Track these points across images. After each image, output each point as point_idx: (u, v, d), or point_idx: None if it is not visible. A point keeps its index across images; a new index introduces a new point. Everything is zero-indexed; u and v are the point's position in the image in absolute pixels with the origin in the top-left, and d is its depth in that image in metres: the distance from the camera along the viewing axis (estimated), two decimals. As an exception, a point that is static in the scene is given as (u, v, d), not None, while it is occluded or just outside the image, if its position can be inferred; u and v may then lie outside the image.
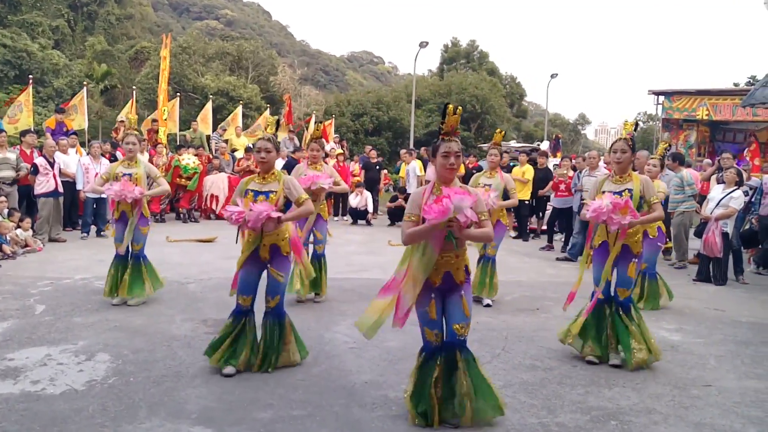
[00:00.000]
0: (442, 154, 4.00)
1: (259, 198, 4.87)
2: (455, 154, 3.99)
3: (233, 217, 4.75)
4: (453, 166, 3.99)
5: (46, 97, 34.23)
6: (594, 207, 5.20)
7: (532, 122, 58.82)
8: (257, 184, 4.99)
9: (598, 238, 5.46)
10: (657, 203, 5.38)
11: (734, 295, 8.48)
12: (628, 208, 5.10)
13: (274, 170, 5.07)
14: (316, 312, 6.85)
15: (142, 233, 7.01)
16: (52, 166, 11.25)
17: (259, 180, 5.01)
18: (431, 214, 3.75)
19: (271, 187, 4.95)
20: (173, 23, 75.77)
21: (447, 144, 3.99)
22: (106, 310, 6.64)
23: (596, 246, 5.48)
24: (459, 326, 4.06)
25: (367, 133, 34.19)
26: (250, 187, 4.98)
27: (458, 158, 4.00)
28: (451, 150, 3.98)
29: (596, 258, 5.48)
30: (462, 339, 4.08)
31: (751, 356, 5.76)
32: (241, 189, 5.01)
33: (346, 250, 11.09)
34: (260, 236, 4.92)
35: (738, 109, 20.63)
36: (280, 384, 4.69)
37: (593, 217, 5.21)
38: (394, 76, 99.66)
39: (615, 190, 5.33)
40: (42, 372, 4.78)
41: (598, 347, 5.37)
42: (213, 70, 39.33)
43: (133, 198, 6.78)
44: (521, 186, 13.45)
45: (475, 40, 50.61)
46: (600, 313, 5.43)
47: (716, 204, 9.04)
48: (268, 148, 4.96)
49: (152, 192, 7.19)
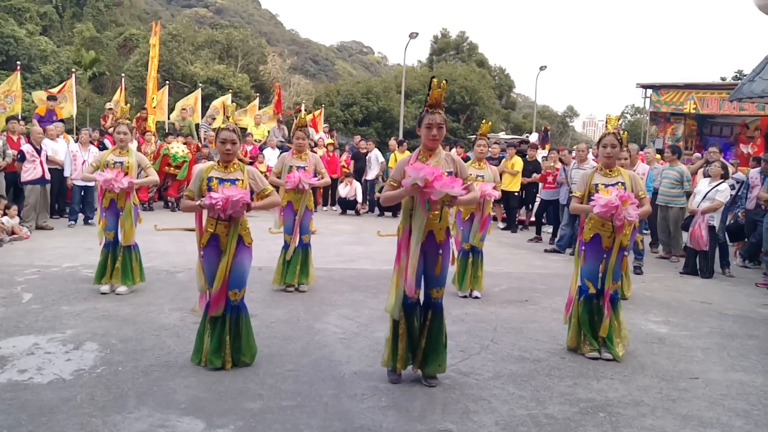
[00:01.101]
0: (426, 125, 4.39)
1: (226, 185, 4.68)
2: (438, 126, 4.34)
3: (219, 203, 4.53)
4: (435, 137, 4.36)
5: (33, 84, 33.91)
6: (604, 202, 5.11)
7: (520, 114, 58.89)
8: (219, 172, 4.81)
9: (589, 232, 5.43)
10: (646, 197, 5.44)
11: (720, 288, 8.55)
12: (630, 201, 5.11)
13: (236, 160, 4.93)
14: (306, 303, 6.84)
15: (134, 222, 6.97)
16: (39, 153, 11.16)
17: (220, 168, 4.83)
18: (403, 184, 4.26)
19: (236, 175, 4.80)
20: (162, 11, 75.10)
21: (431, 116, 4.37)
22: (95, 298, 6.61)
23: (587, 240, 5.45)
24: (435, 290, 4.56)
25: (356, 123, 34.13)
26: (212, 174, 4.79)
27: (440, 129, 4.34)
28: (434, 121, 4.35)
29: (588, 252, 5.44)
30: (436, 301, 4.57)
31: (737, 349, 5.81)
32: (202, 177, 4.81)
33: (335, 240, 11.08)
34: (215, 225, 4.76)
35: (725, 103, 20.70)
36: (269, 374, 4.68)
37: (603, 212, 5.13)
38: (383, 66, 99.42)
39: (608, 183, 5.33)
40: (29, 361, 4.75)
41: (595, 341, 5.36)
42: (202, 59, 39.15)
43: (120, 189, 6.74)
44: (510, 178, 13.49)
45: (464, 32, 50.62)
46: (591, 307, 5.42)
47: (703, 197, 9.11)
48: (233, 139, 4.80)
49: (140, 181, 7.14)
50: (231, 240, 4.73)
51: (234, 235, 4.74)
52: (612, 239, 5.32)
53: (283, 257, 7.30)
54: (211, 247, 4.79)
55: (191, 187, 4.84)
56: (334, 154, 16.55)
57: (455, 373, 4.86)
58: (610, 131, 5.46)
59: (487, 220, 7.37)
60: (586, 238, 5.45)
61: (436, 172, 4.12)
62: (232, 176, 4.79)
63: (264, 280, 7.51)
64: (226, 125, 4.90)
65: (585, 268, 5.45)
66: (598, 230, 5.37)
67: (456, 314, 6.57)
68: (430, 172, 4.09)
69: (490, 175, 7.48)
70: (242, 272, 4.84)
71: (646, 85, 23.50)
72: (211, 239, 4.78)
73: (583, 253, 5.47)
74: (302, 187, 7.13)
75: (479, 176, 7.41)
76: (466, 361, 5.16)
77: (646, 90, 23.52)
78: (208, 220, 4.81)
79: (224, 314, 4.81)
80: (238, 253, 4.79)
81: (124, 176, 6.76)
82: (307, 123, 7.69)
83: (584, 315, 5.42)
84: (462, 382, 4.69)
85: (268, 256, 8.11)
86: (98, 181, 6.83)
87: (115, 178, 6.67)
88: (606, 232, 5.33)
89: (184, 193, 4.90)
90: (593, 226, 5.40)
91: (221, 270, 4.70)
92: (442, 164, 4.41)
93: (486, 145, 7.64)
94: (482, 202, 7.18)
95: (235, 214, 4.68)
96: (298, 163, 7.26)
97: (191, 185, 4.86)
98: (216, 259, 4.77)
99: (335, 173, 16.10)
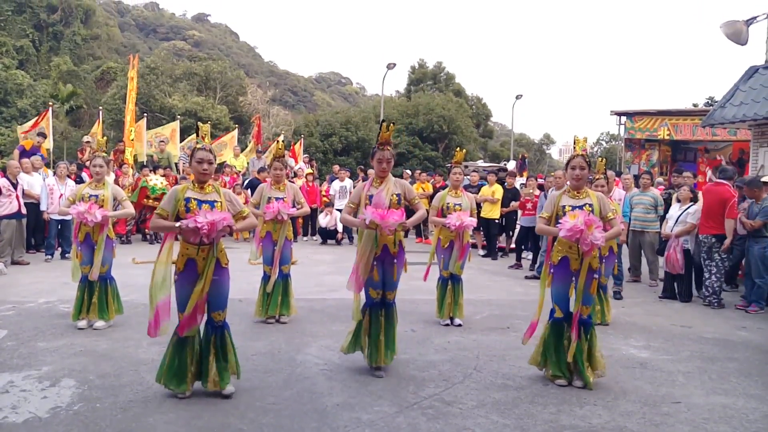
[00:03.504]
0: (377, 160, 5.45)
1: (204, 207, 4.61)
2: (387, 160, 5.43)
3: (205, 228, 4.46)
4: (385, 169, 5.45)
5: (9, 118, 33.73)
6: (569, 226, 5.08)
7: (498, 142, 59.41)
8: (196, 193, 4.73)
9: (557, 254, 5.40)
10: (614, 218, 5.44)
11: (700, 312, 8.61)
12: (595, 225, 5.10)
13: (210, 182, 4.88)
14: (287, 334, 6.78)
15: (108, 255, 6.91)
16: (15, 187, 11.05)
17: (196, 190, 4.75)
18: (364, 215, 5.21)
19: (213, 197, 4.74)
20: (140, 44, 75.25)
21: (381, 152, 5.43)
22: (71, 334, 6.50)
23: (555, 262, 5.41)
24: (389, 293, 5.51)
25: (336, 153, 34.21)
26: (189, 195, 4.70)
27: (389, 163, 5.45)
28: (384, 157, 5.43)
29: (557, 275, 5.40)
30: (390, 301, 5.52)
31: (718, 372, 5.84)
32: (177, 198, 4.69)
33: (315, 271, 11.04)
34: (197, 250, 4.69)
35: (698, 129, 21.11)
36: (250, 408, 4.62)
37: (568, 236, 5.12)
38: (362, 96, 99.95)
39: (575, 205, 5.33)
40: (4, 399, 4.65)
41: (557, 369, 5.31)
42: (180, 91, 39.14)
43: (93, 221, 6.67)
44: (490, 205, 13.56)
45: (441, 62, 51.17)
46: (559, 332, 5.37)
47: (675, 222, 9.24)
48: (209, 159, 4.75)
49: (114, 214, 7.02)
50: (209, 264, 4.68)
51: (212, 259, 4.69)
52: (580, 262, 5.30)
53: (263, 289, 7.25)
54: (188, 272, 4.73)
55: (165, 207, 4.71)
56: (314, 184, 16.56)
57: (439, 402, 4.84)
58: (578, 153, 5.48)
59: (466, 248, 7.38)
60: (554, 261, 5.41)
61: (382, 215, 5.12)
62: (210, 198, 4.73)
63: (244, 312, 7.44)
64: (201, 145, 4.85)
65: (554, 291, 5.40)
66: (566, 253, 5.34)
67: (438, 343, 6.56)
68: (378, 216, 5.11)
69: (467, 203, 7.49)
70: (224, 293, 4.83)
71: (621, 112, 23.90)
72: (188, 263, 4.72)
73: (551, 276, 5.42)
74: (281, 218, 7.13)
75: (456, 204, 7.42)
76: (450, 390, 5.13)
77: (621, 117, 23.90)
78: (183, 244, 4.73)
79: (207, 336, 4.80)
80: (217, 275, 4.76)
81: (99, 209, 6.70)
82: (284, 153, 7.69)
83: (550, 339, 5.38)
84: (445, 411, 4.67)
85: (248, 288, 8.05)
86: (72, 214, 6.78)
87: (88, 210, 6.62)
88: (573, 254, 5.31)
89: (156, 211, 4.76)
90: (561, 249, 5.38)
91: (197, 293, 4.64)
92: (391, 188, 5.43)
93: (461, 173, 7.66)
94: (461, 231, 7.22)
95: (218, 238, 4.66)
96: (276, 194, 7.26)
97: (165, 204, 4.72)
98: (190, 283, 4.70)
99: (315, 203, 16.11)
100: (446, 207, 7.42)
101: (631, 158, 23.73)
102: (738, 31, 9.54)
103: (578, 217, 5.11)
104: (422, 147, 35.94)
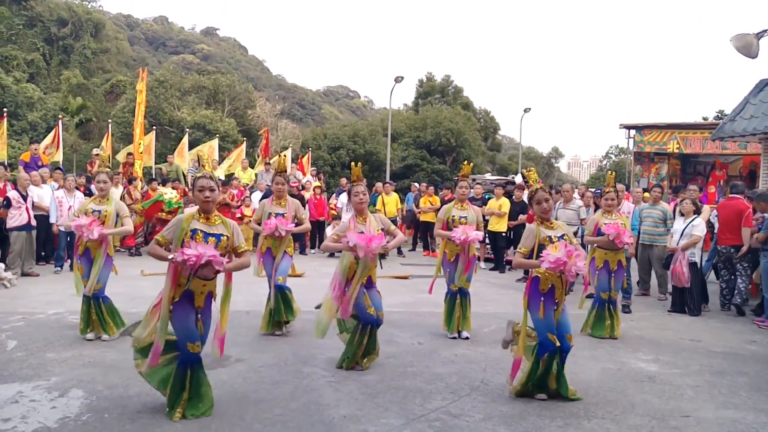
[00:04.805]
0: (353, 194, 6.10)
1: (210, 240, 4.54)
2: (363, 193, 6.07)
3: (192, 260, 4.37)
4: (361, 202, 6.05)
5: (20, 131, 33.99)
6: (553, 259, 4.96)
7: (506, 155, 59.37)
8: (203, 224, 4.62)
9: (546, 282, 5.24)
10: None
11: (708, 326, 8.57)
12: (575, 255, 5.01)
13: (216, 212, 4.81)
14: (294, 346, 6.79)
15: (105, 273, 6.85)
16: (25, 200, 11.12)
17: (202, 220, 4.65)
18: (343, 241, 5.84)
19: (219, 230, 4.66)
20: (149, 57, 75.79)
21: (356, 188, 6.12)
22: (80, 345, 6.53)
23: (545, 290, 5.24)
24: (379, 312, 5.99)
25: (343, 166, 34.28)
26: (195, 226, 4.59)
27: (365, 195, 6.09)
28: (359, 191, 6.08)
29: (547, 304, 5.22)
30: (379, 319, 6.00)
31: (728, 386, 5.81)
32: (182, 227, 4.58)
33: (323, 283, 10.95)
34: (190, 282, 4.58)
35: (708, 143, 21.02)
36: (257, 420, 4.62)
37: (553, 268, 4.99)
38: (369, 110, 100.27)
39: (556, 235, 5.26)
40: (13, 409, 4.68)
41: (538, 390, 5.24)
42: (189, 104, 39.28)
43: (89, 238, 6.66)
44: (497, 219, 13.56)
45: (449, 75, 51.13)
46: (549, 364, 5.20)
47: (680, 235, 9.23)
48: (212, 186, 4.65)
49: (112, 231, 6.90)
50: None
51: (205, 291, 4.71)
52: (563, 291, 5.24)
53: (268, 306, 7.24)
54: (184, 302, 4.64)
55: (166, 235, 4.64)
56: (322, 197, 16.60)
57: (446, 415, 4.83)
58: (536, 187, 5.42)
59: (471, 261, 7.38)
60: (543, 289, 5.24)
61: (367, 240, 5.68)
62: (216, 231, 4.64)
63: (251, 324, 7.46)
64: (202, 173, 4.75)
65: (545, 320, 5.20)
66: (554, 281, 5.22)
67: (445, 355, 6.55)
68: (363, 240, 5.68)
69: (473, 216, 7.47)
70: (207, 327, 4.79)
71: (630, 125, 23.84)
72: (184, 294, 4.63)
73: (542, 304, 5.20)
74: (278, 234, 7.12)
75: (462, 217, 7.41)
76: (457, 402, 5.13)
77: (630, 130, 23.84)
78: (182, 275, 4.59)
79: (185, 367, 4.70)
80: (206, 310, 4.76)
81: (99, 226, 6.68)
82: (286, 168, 7.68)
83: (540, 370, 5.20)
84: (452, 424, 4.66)
85: (255, 300, 8.06)
86: (72, 227, 6.80)
87: (88, 226, 6.62)
88: (559, 282, 5.21)
89: (156, 237, 4.69)
90: (549, 277, 5.21)
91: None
92: (375, 225, 5.99)
93: (468, 186, 7.66)
94: (467, 245, 7.22)
95: (203, 275, 4.56)
96: (277, 210, 7.28)
97: (167, 233, 4.65)
98: (188, 315, 4.63)
99: (323, 216, 16.13)
100: (452, 220, 7.40)
101: (640, 172, 23.65)
102: (748, 44, 9.52)
103: (560, 248, 5.04)
104: (430, 160, 35.92)
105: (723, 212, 9.86)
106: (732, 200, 9.83)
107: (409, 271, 12.70)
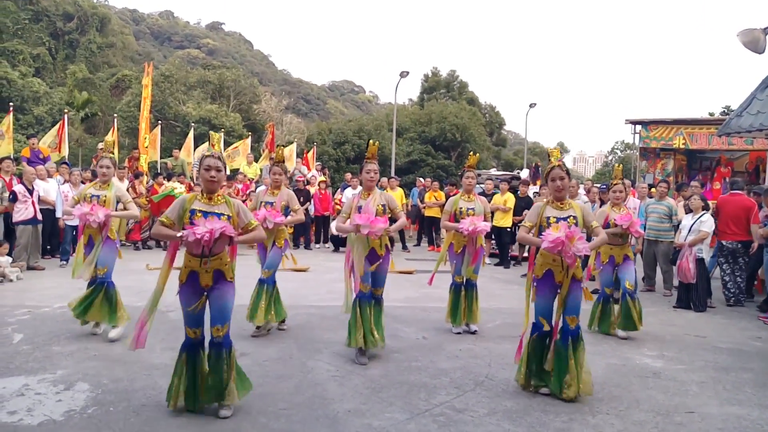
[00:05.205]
0: (365, 170, 6.17)
1: (210, 218, 4.48)
2: (374, 171, 6.17)
3: (206, 237, 4.35)
4: (372, 179, 6.16)
5: (26, 125, 34.09)
6: (552, 238, 4.97)
7: (511, 151, 59.32)
8: (203, 204, 4.57)
9: (541, 267, 5.29)
10: (598, 227, 5.37)
11: (714, 322, 8.55)
12: (576, 237, 4.99)
13: (220, 192, 4.74)
14: (298, 340, 6.80)
15: (109, 256, 6.74)
16: (31, 194, 11.16)
17: (204, 200, 4.59)
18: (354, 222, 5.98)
19: (221, 209, 4.58)
20: (155, 52, 75.91)
21: (368, 165, 6.19)
22: (86, 338, 6.55)
23: (539, 276, 5.30)
24: (377, 289, 6.22)
25: (348, 160, 34.28)
26: (195, 207, 4.54)
27: (376, 174, 6.18)
28: (371, 168, 6.16)
29: (540, 288, 5.30)
30: (379, 296, 6.24)
31: (732, 382, 5.80)
32: (184, 207, 4.55)
33: (328, 278, 11.05)
34: (200, 262, 4.56)
35: (714, 138, 20.95)
36: (262, 413, 4.63)
37: (551, 248, 5.00)
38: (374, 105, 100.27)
39: (560, 217, 5.23)
40: (19, 402, 4.70)
41: (539, 379, 5.25)
42: (194, 99, 39.37)
43: (96, 221, 6.59)
44: (502, 214, 13.55)
45: (455, 70, 51.13)
46: (542, 345, 5.28)
47: (688, 231, 9.21)
48: (218, 166, 4.59)
49: (118, 214, 6.85)
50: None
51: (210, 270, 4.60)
52: (565, 273, 5.20)
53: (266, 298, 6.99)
54: (190, 284, 4.63)
55: (170, 215, 4.57)
56: (327, 192, 16.60)
57: (450, 409, 4.83)
58: (555, 164, 5.36)
59: (479, 252, 7.36)
60: (538, 275, 5.31)
61: (370, 220, 5.85)
62: (217, 210, 4.57)
63: (257, 319, 7.45)
64: (211, 152, 4.72)
65: (538, 304, 5.30)
66: (550, 266, 5.24)
67: (450, 350, 6.55)
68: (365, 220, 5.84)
69: (480, 207, 7.40)
70: (224, 307, 4.63)
71: (635, 121, 23.74)
72: (190, 275, 4.61)
73: (534, 289, 5.34)
74: (266, 225, 6.88)
75: (470, 208, 7.34)
76: (461, 397, 5.13)
77: (636, 126, 23.75)
78: (187, 255, 4.61)
79: (200, 351, 4.70)
80: (219, 288, 4.63)
81: (101, 209, 6.61)
82: (284, 158, 7.60)
83: (533, 353, 5.27)
84: (457, 419, 4.66)
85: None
86: (75, 215, 6.76)
87: (90, 211, 6.58)
88: (557, 266, 5.21)
89: (160, 218, 4.64)
90: (544, 262, 5.26)
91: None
92: (378, 199, 6.11)
93: (474, 177, 7.56)
94: (474, 236, 7.19)
95: (215, 248, 4.54)
96: (269, 200, 7.14)
97: (170, 212, 4.58)
98: (195, 296, 4.62)
99: (328, 210, 16.14)
100: (459, 211, 7.35)
101: (646, 167, 23.56)
102: (755, 39, 9.48)
103: (560, 229, 5.02)
104: (435, 155, 35.92)
105: (727, 207, 9.84)
106: (735, 196, 9.88)
107: (413, 266, 12.71)
